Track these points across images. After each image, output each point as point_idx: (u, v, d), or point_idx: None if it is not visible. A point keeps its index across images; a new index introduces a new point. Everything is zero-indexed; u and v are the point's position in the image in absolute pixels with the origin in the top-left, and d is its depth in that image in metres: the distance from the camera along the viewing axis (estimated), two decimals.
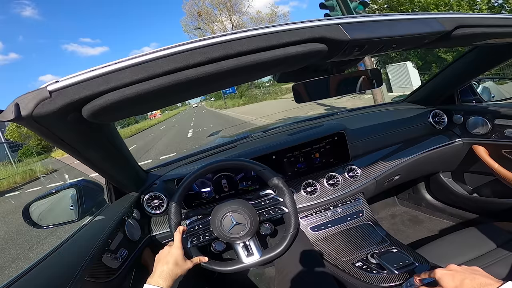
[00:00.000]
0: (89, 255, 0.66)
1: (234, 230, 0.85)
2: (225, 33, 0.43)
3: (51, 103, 0.38)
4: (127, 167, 0.95)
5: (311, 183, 1.19)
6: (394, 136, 1.35)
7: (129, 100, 0.40)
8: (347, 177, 1.21)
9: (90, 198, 0.96)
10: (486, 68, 1.20)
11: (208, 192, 1.14)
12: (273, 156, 1.17)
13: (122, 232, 0.87)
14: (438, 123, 1.38)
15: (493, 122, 1.21)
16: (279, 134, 1.38)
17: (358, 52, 0.57)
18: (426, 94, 1.47)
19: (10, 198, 8.33)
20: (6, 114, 0.37)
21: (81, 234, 0.81)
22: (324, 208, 1.19)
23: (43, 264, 0.65)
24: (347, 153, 1.23)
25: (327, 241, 1.11)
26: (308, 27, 0.48)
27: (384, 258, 0.90)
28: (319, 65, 0.75)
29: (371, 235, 1.09)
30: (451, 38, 0.60)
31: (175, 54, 0.40)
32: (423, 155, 1.29)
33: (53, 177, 7.73)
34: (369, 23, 0.53)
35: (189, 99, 0.58)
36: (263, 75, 0.61)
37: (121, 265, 0.80)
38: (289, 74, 0.77)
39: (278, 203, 0.90)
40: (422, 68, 8.60)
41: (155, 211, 1.05)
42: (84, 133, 0.56)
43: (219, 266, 0.87)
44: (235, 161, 0.98)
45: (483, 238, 0.97)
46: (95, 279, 0.69)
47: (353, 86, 0.76)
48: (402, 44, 0.63)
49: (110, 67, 0.39)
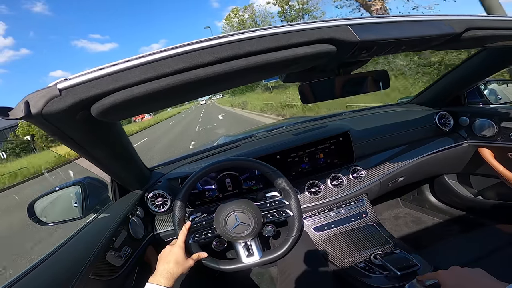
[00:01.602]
0: (93, 253, 0.66)
1: (237, 229, 0.84)
2: (234, 33, 0.43)
3: (60, 101, 0.38)
4: (132, 165, 0.95)
5: (315, 184, 1.19)
6: (399, 138, 1.34)
7: (138, 99, 0.40)
8: (351, 178, 1.21)
9: (94, 195, 0.97)
10: (494, 70, 1.18)
11: (212, 191, 1.14)
12: (277, 156, 1.16)
13: (126, 230, 0.87)
14: (444, 125, 1.36)
15: (500, 125, 1.20)
16: (283, 134, 1.38)
17: (367, 53, 0.57)
18: (432, 96, 1.46)
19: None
20: (16, 112, 0.37)
21: (85, 231, 0.81)
22: (327, 208, 1.18)
23: (48, 261, 0.66)
24: (351, 154, 1.23)
25: (330, 241, 1.11)
26: (317, 27, 0.47)
27: (387, 259, 0.90)
28: (326, 65, 0.74)
29: (375, 236, 1.09)
30: (460, 40, 0.59)
31: (185, 54, 0.40)
32: (428, 157, 1.28)
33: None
34: (378, 24, 0.53)
35: (197, 98, 0.58)
36: (271, 76, 0.60)
37: (125, 263, 0.80)
38: (296, 75, 0.76)
39: (284, 206, 0.90)
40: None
41: (159, 210, 1.06)
42: (92, 131, 0.56)
43: (218, 264, 0.87)
44: (243, 160, 0.98)
45: (487, 241, 0.97)
46: (99, 277, 0.69)
47: (360, 87, 0.75)
48: (412, 46, 0.62)
49: (119, 65, 0.39)
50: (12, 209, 6.64)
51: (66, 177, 1.64)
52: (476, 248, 0.95)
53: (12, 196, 9.03)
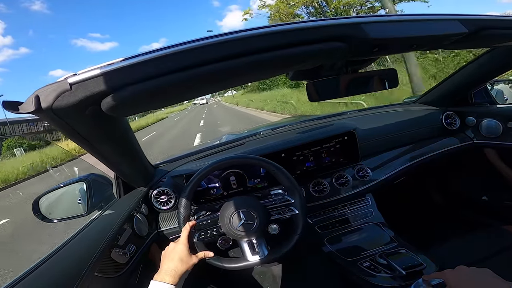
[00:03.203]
0: (98, 250, 0.66)
1: (242, 227, 0.84)
2: (243, 29, 0.43)
3: (71, 96, 0.38)
4: (137, 161, 0.95)
5: (320, 182, 1.18)
6: (405, 137, 1.33)
7: (148, 94, 0.40)
8: (356, 177, 1.20)
9: (99, 192, 0.97)
10: (503, 70, 1.17)
11: (216, 189, 1.13)
12: (282, 154, 1.16)
13: (131, 227, 0.87)
14: (450, 124, 1.35)
15: (506, 125, 1.19)
16: (288, 132, 1.37)
17: (378, 51, 0.56)
18: (439, 95, 1.44)
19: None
20: (26, 106, 0.37)
21: (90, 228, 0.81)
22: (332, 207, 1.18)
23: (54, 258, 0.66)
24: (357, 153, 1.22)
25: (335, 240, 1.10)
26: (328, 25, 0.47)
27: (393, 259, 0.90)
28: (334, 63, 0.74)
29: (379, 236, 1.08)
30: (472, 39, 0.58)
31: (195, 49, 0.39)
32: (434, 157, 1.28)
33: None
34: (390, 23, 0.52)
35: (206, 94, 0.57)
36: (280, 73, 0.60)
37: (129, 261, 0.80)
38: (303, 72, 0.75)
39: (289, 204, 0.90)
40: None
41: (163, 207, 1.05)
42: (100, 127, 0.56)
43: (223, 262, 0.87)
44: (248, 158, 0.97)
45: (492, 241, 0.97)
46: (104, 274, 0.69)
47: (369, 85, 0.74)
48: (423, 44, 0.62)
49: (129, 60, 0.38)
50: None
51: (71, 174, 1.64)
52: (482, 248, 0.94)
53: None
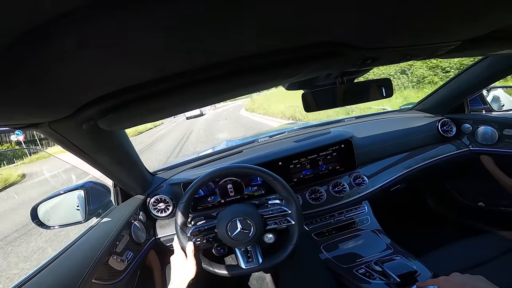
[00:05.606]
0: (96, 258, 0.67)
1: (238, 235, 0.84)
2: None
3: None
4: (135, 170, 0.95)
5: (317, 190, 1.19)
6: (401, 144, 1.34)
7: (143, 110, 0.40)
8: (353, 185, 1.21)
9: (97, 199, 0.97)
10: (498, 77, 1.19)
11: (214, 196, 1.14)
12: (279, 162, 1.16)
13: (128, 234, 0.88)
14: (447, 132, 1.36)
15: (502, 132, 1.20)
16: (285, 140, 1.38)
17: (371, 63, 0.57)
18: (435, 103, 1.46)
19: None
20: None
21: (89, 235, 0.81)
22: (329, 215, 1.18)
23: (52, 265, 0.66)
24: (353, 161, 1.22)
25: (331, 247, 1.10)
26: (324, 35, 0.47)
27: (388, 266, 0.90)
28: (329, 74, 0.74)
29: (375, 243, 1.09)
30: (468, 48, 0.59)
31: None
32: (430, 164, 1.28)
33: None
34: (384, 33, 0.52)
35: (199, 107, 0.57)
36: (275, 85, 0.60)
37: (127, 267, 0.81)
38: (298, 83, 0.76)
39: (286, 215, 0.90)
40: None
41: (161, 214, 1.06)
42: (97, 140, 0.57)
43: (218, 269, 0.87)
44: (245, 168, 0.97)
45: (487, 247, 0.98)
46: (102, 281, 0.69)
47: (364, 95, 0.75)
48: (416, 54, 0.62)
49: None
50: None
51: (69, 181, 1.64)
52: (477, 254, 0.95)
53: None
